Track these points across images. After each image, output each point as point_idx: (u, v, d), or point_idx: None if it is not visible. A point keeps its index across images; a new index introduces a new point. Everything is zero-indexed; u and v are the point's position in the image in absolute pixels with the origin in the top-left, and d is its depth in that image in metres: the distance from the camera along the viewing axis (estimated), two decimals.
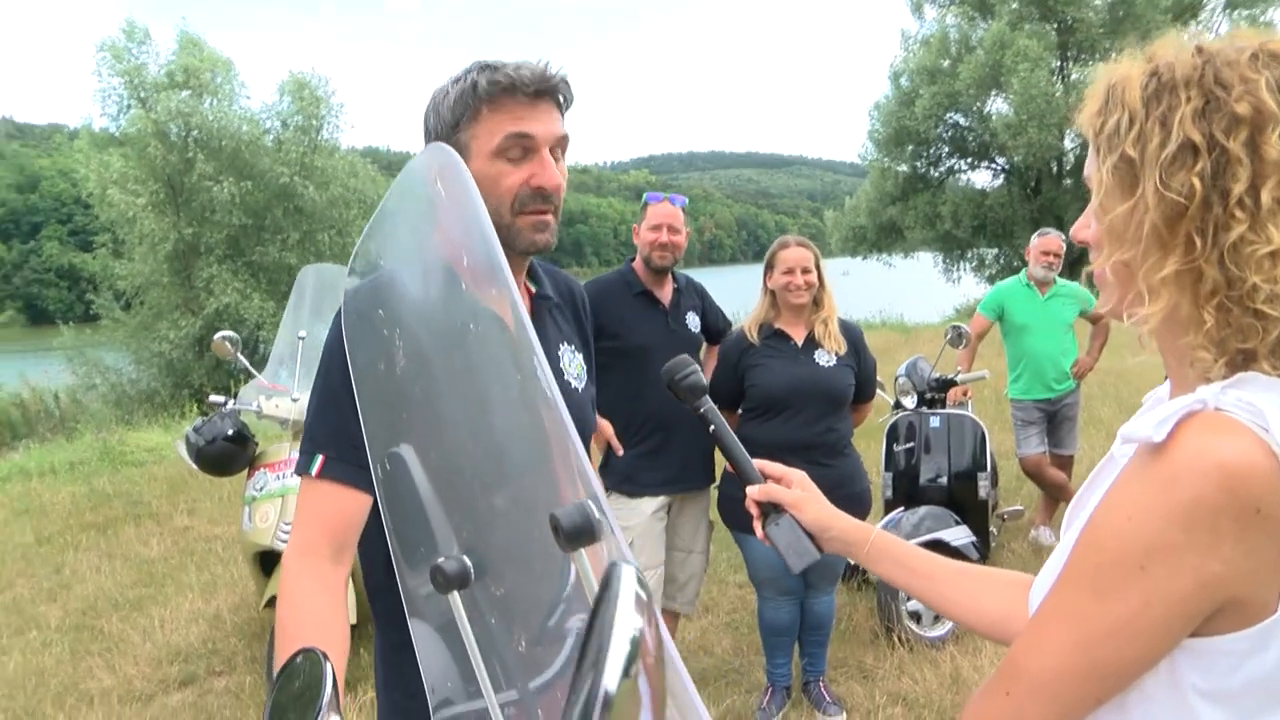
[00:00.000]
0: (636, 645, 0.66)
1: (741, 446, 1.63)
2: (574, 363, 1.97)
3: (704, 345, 4.50)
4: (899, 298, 23.37)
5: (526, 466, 0.97)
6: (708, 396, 1.68)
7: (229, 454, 4.95)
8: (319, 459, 1.63)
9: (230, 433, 4.92)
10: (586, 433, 2.00)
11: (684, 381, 1.68)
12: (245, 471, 5.13)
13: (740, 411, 4.21)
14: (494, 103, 1.69)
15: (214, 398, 5.18)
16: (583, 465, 0.87)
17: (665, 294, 4.22)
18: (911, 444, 5.32)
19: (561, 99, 1.75)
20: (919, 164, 29.92)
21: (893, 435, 5.38)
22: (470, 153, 1.71)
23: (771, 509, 1.57)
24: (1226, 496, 0.93)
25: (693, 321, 4.28)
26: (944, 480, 5.20)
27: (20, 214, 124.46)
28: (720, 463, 4.30)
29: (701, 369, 4.39)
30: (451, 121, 1.72)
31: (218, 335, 5.22)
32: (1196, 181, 1.00)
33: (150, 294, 25.67)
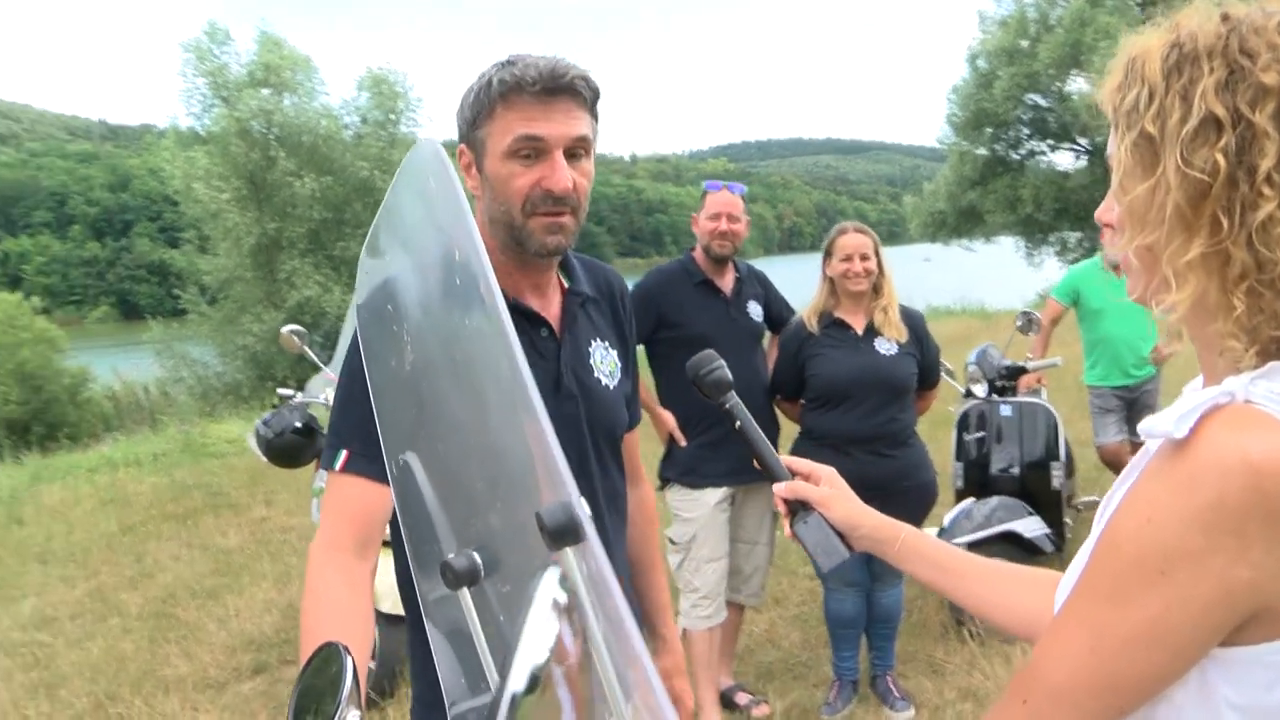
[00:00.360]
0: (549, 651, 0.63)
1: (768, 443, 1.59)
2: (606, 359, 1.93)
3: (767, 335, 4.45)
4: (979, 283, 23.00)
5: (513, 470, 0.95)
6: (733, 392, 1.64)
7: (297, 446, 5.00)
8: (343, 454, 1.63)
9: (298, 425, 4.98)
10: (618, 430, 1.96)
11: (708, 377, 1.64)
12: (314, 463, 5.20)
13: (802, 402, 4.16)
14: (506, 101, 1.67)
15: (282, 390, 5.26)
16: (562, 473, 0.84)
17: (726, 283, 4.18)
18: (982, 433, 5.21)
19: (583, 96, 1.71)
20: (998, 147, 29.34)
21: (963, 424, 5.29)
22: (486, 152, 1.71)
23: (800, 507, 1.52)
24: (1254, 496, 0.86)
25: (755, 310, 4.23)
26: (1016, 470, 5.09)
27: (113, 212, 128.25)
28: (784, 452, 4.25)
29: (765, 359, 4.34)
30: (471, 119, 1.72)
31: (284, 329, 5.29)
32: (1220, 158, 0.93)
33: (234, 288, 26.20)
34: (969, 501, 4.98)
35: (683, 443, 4.05)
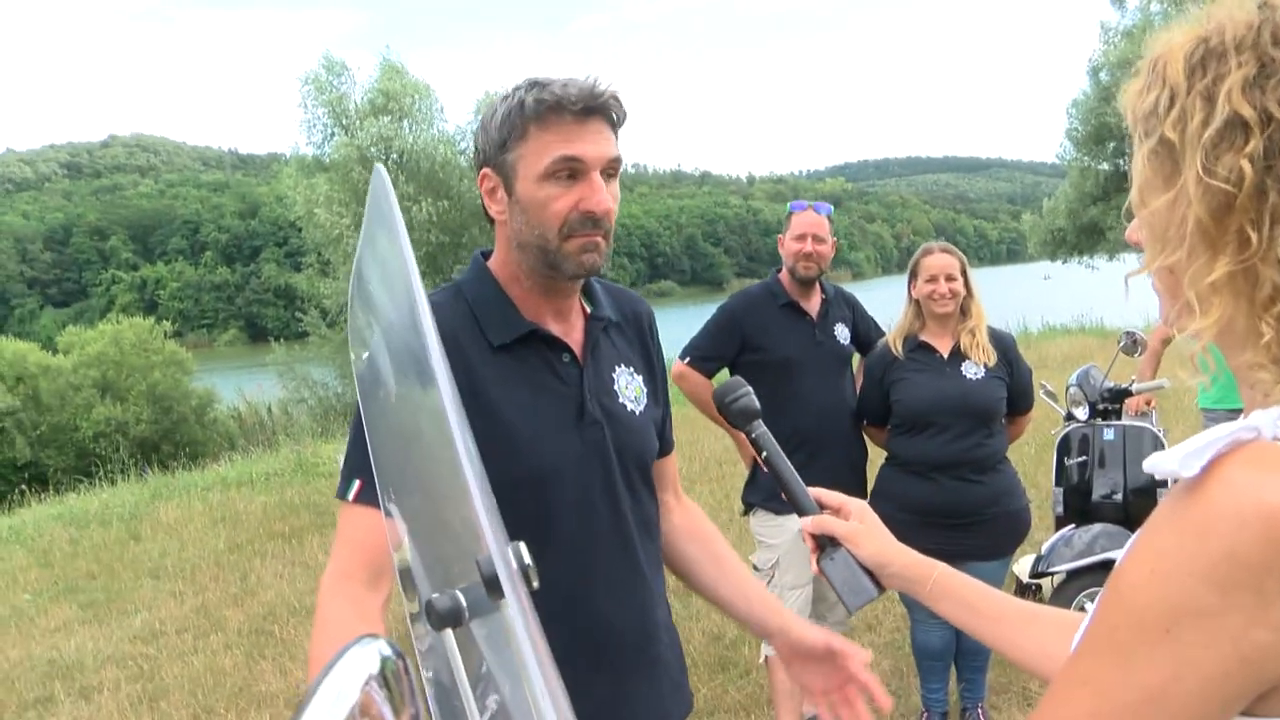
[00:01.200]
0: None
1: (796, 475, 1.54)
2: (631, 385, 1.89)
3: (855, 357, 4.37)
4: (1101, 302, 22.33)
5: (456, 513, 0.93)
6: (760, 421, 1.59)
7: None
8: (356, 484, 1.62)
9: None
10: (647, 456, 1.91)
11: (734, 405, 1.60)
12: None
13: (889, 427, 4.07)
14: (542, 122, 1.63)
15: None
16: (480, 522, 0.82)
17: (812, 305, 4.11)
18: (1084, 457, 5.02)
19: (614, 117, 1.69)
20: (1121, 161, 28.50)
21: (1064, 448, 5.10)
22: (517, 175, 1.67)
23: (828, 542, 1.47)
24: (1273, 549, 0.74)
25: (841, 333, 4.15)
26: (1119, 496, 4.88)
27: (242, 238, 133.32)
28: (872, 478, 4.16)
29: (853, 383, 4.26)
30: (499, 141, 1.67)
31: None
32: (1247, 164, 0.81)
33: None
34: (1069, 529, 4.80)
35: (765, 468, 3.99)
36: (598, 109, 1.65)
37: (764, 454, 1.57)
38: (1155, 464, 0.84)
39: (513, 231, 1.72)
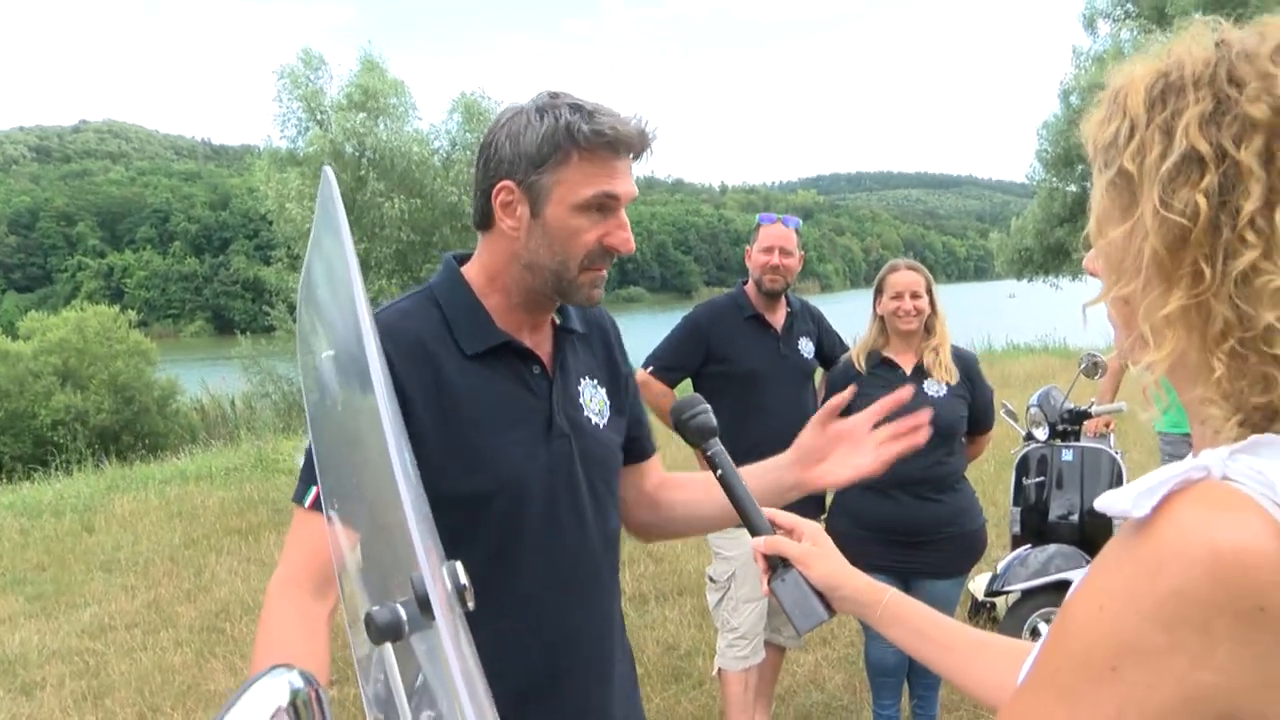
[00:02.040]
0: None
1: (750, 494, 1.54)
2: (595, 398, 1.89)
3: (819, 372, 4.37)
4: (1065, 322, 22.55)
5: (396, 527, 0.91)
6: (716, 439, 1.59)
7: None
8: (313, 490, 1.61)
9: None
10: (611, 470, 1.90)
11: (691, 422, 1.60)
12: None
13: None
14: (591, 154, 1.62)
15: None
16: (414, 542, 0.80)
17: (777, 318, 4.11)
18: (1042, 478, 5.05)
19: (639, 155, 1.70)
20: (1088, 184, 28.71)
21: (1022, 468, 5.13)
22: (550, 198, 1.64)
23: (779, 563, 1.46)
24: (1220, 590, 0.74)
25: (806, 347, 4.15)
26: (1075, 517, 4.91)
27: (213, 230, 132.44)
28: (830, 494, 4.16)
29: (816, 397, 4.27)
30: (536, 160, 1.62)
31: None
32: (1202, 199, 0.82)
33: None
34: (1025, 548, 4.82)
35: (720, 487, 3.98)
36: (642, 151, 1.68)
37: (719, 472, 1.57)
38: (1107, 503, 0.84)
39: (525, 250, 1.68)
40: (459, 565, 0.88)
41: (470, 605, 0.88)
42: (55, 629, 6.40)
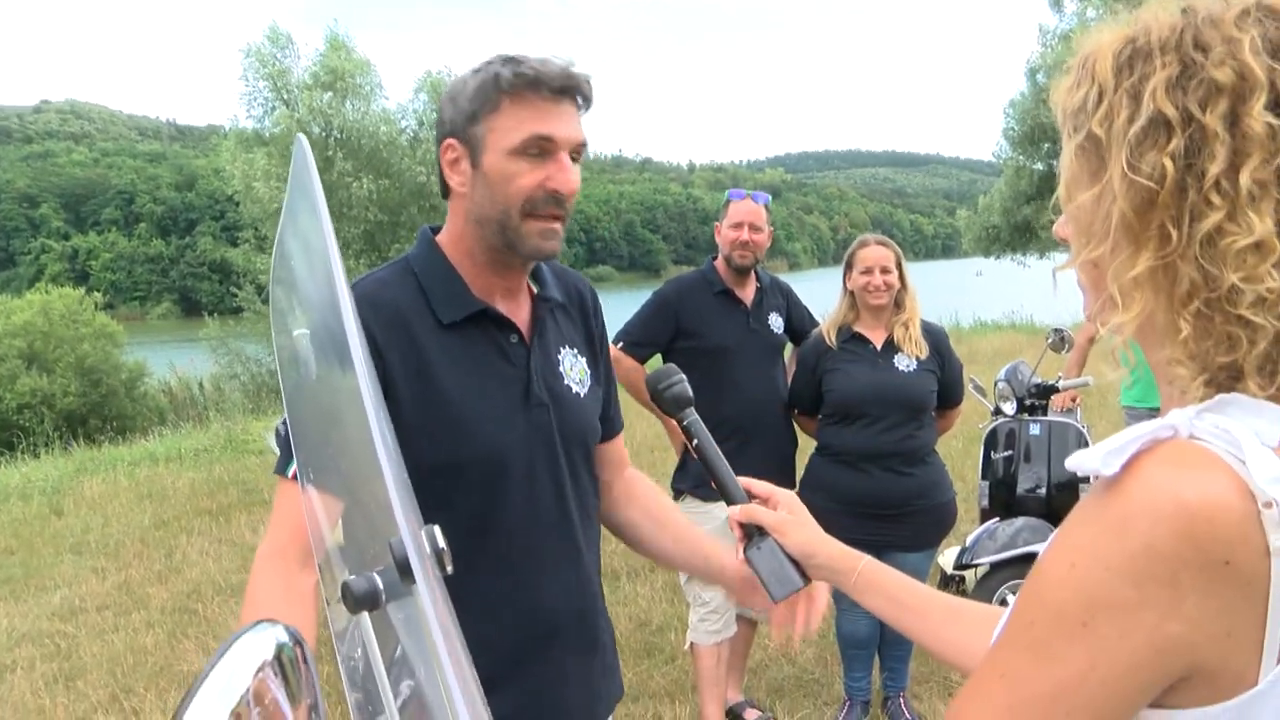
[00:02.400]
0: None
1: (726, 463, 1.55)
2: (576, 367, 1.89)
3: (788, 347, 4.40)
4: (1031, 298, 22.70)
5: (372, 496, 0.92)
6: (692, 408, 1.60)
7: None
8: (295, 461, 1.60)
9: None
10: (590, 438, 1.91)
11: (667, 392, 1.61)
12: None
13: (819, 417, 4.10)
14: (516, 97, 1.64)
15: None
16: (394, 507, 0.81)
17: (747, 294, 4.12)
18: (1010, 452, 5.10)
19: (581, 100, 1.70)
20: (1055, 162, 28.83)
21: (991, 442, 5.18)
22: (485, 146, 1.66)
23: (755, 531, 1.47)
24: (1188, 544, 0.77)
25: (775, 322, 4.17)
26: (1043, 491, 4.97)
27: (179, 211, 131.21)
28: (801, 467, 4.19)
29: (785, 372, 4.29)
30: (469, 112, 1.66)
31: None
32: (1168, 162, 0.84)
33: None
34: (994, 521, 4.87)
35: (696, 456, 4.00)
36: (571, 90, 1.67)
37: (695, 441, 1.58)
38: (1077, 462, 0.86)
39: (472, 204, 1.71)
40: (437, 529, 0.89)
41: (449, 569, 0.89)
42: (25, 612, 6.36)
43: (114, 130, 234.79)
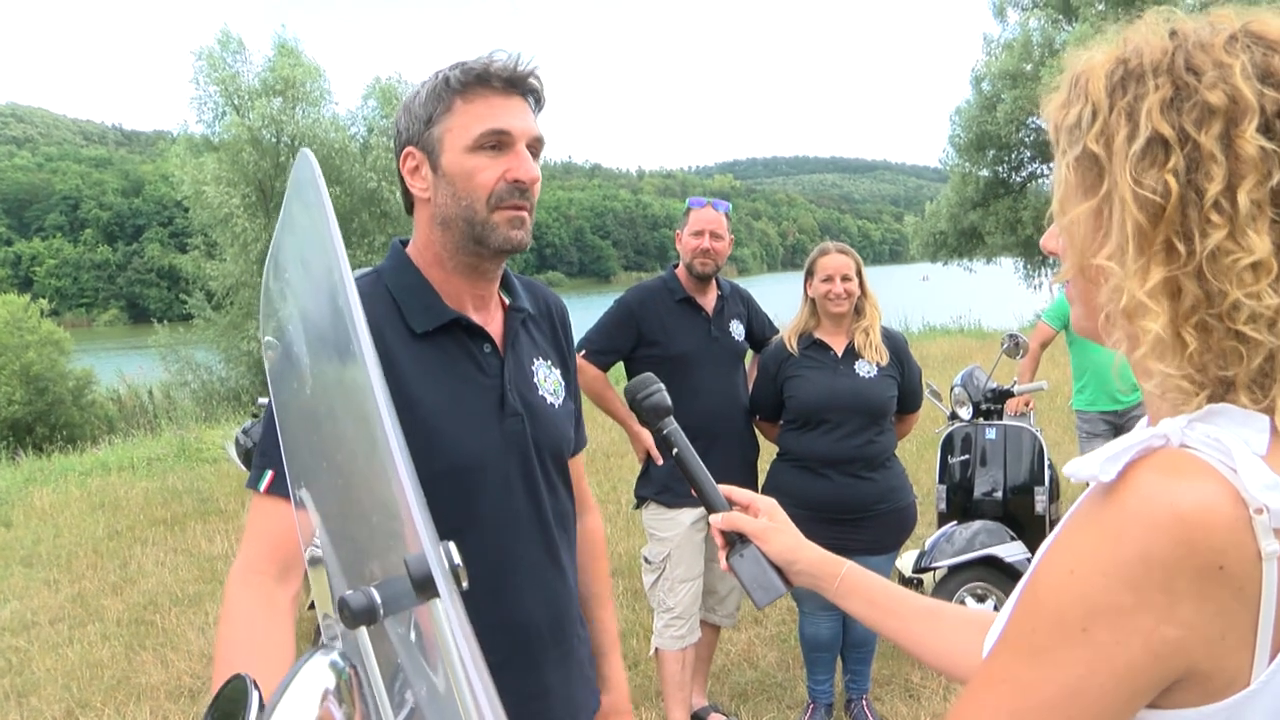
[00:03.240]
0: None
1: (706, 471, 1.55)
2: (550, 378, 1.90)
3: (749, 354, 4.43)
4: (979, 304, 22.94)
5: (392, 513, 0.93)
6: (671, 418, 1.61)
7: None
8: (268, 474, 1.60)
9: None
10: (564, 448, 1.91)
11: (646, 401, 1.61)
12: None
13: (781, 423, 4.14)
14: (467, 95, 1.66)
15: (263, 400, 5.26)
16: (415, 521, 0.82)
17: (708, 301, 4.16)
18: (966, 456, 5.17)
19: (534, 97, 1.73)
20: (1001, 169, 29.13)
21: (947, 447, 5.24)
22: (443, 147, 1.67)
23: (737, 539, 1.48)
24: (1183, 550, 0.79)
25: (736, 330, 4.21)
26: (999, 494, 5.05)
27: (125, 217, 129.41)
28: (763, 473, 4.23)
29: (746, 378, 4.31)
30: (424, 117, 1.68)
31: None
32: (1171, 179, 0.86)
33: (240, 294, 26.34)
34: (951, 525, 4.94)
35: (659, 461, 4.03)
36: (520, 85, 1.69)
37: (675, 451, 1.57)
38: (1076, 469, 0.88)
39: (437, 208, 1.71)
40: (452, 545, 0.90)
41: (465, 584, 0.90)
42: None
43: (58, 134, 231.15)
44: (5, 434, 20.42)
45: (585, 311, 4.29)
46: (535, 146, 1.72)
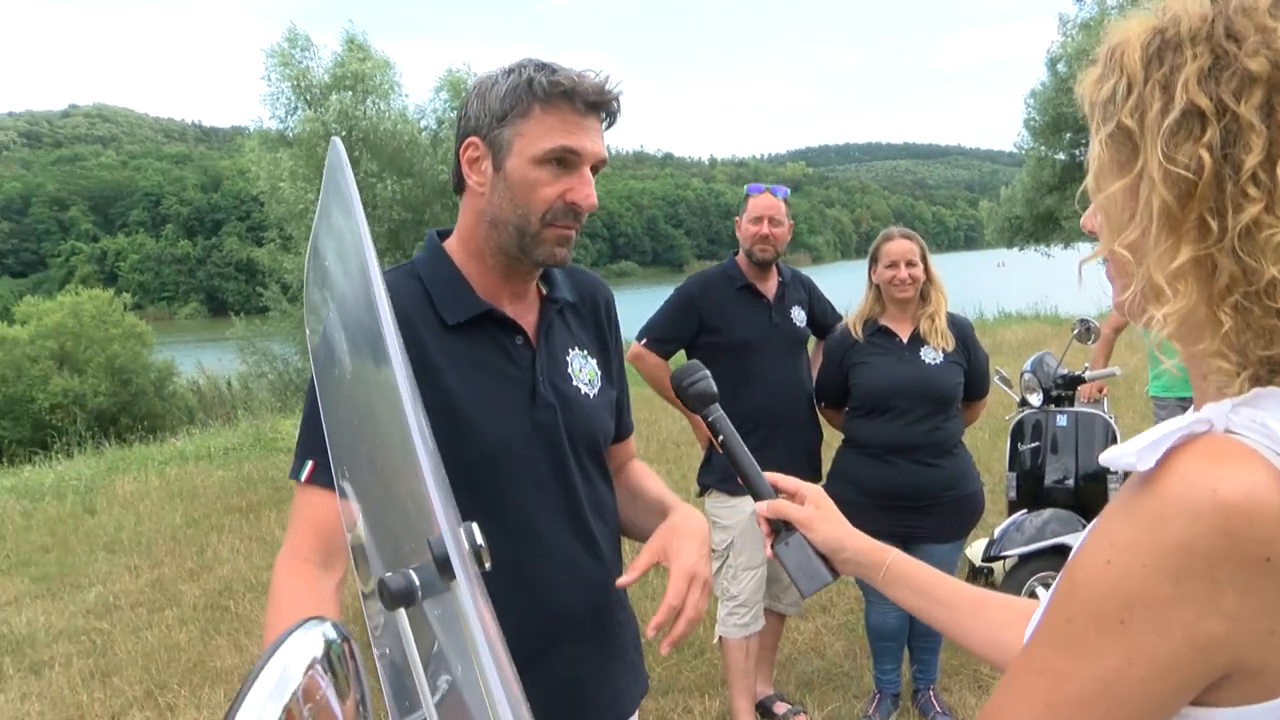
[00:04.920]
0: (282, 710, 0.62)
1: (752, 459, 1.54)
2: (585, 368, 1.89)
3: (811, 340, 4.40)
4: (1055, 290, 22.49)
5: (409, 493, 0.94)
6: (716, 404, 1.60)
7: None
8: (309, 464, 1.62)
9: None
10: (599, 440, 1.90)
11: (691, 388, 1.60)
12: None
13: (846, 410, 4.10)
14: (549, 105, 1.64)
15: None
16: (433, 502, 0.82)
17: (769, 288, 4.13)
18: (1037, 443, 5.08)
19: (608, 118, 1.72)
20: (1078, 152, 28.60)
21: (1017, 434, 5.16)
22: (511, 150, 1.66)
23: (783, 526, 1.47)
24: (1226, 540, 0.75)
25: (798, 316, 4.17)
26: (1070, 482, 4.95)
27: (204, 212, 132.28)
28: (827, 460, 4.20)
29: (809, 365, 4.28)
30: (499, 113, 1.66)
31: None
32: (1205, 154, 0.82)
33: None
34: (1021, 513, 4.86)
35: (721, 451, 4.02)
36: (601, 105, 1.68)
37: (720, 438, 1.57)
38: (1112, 457, 0.85)
39: (489, 205, 1.71)
40: (475, 526, 0.90)
41: (487, 565, 0.90)
42: (61, 609, 6.45)
43: (140, 133, 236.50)
44: (92, 424, 20.97)
45: (659, 301, 4.29)
46: (598, 166, 1.72)
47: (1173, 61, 0.86)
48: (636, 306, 5.73)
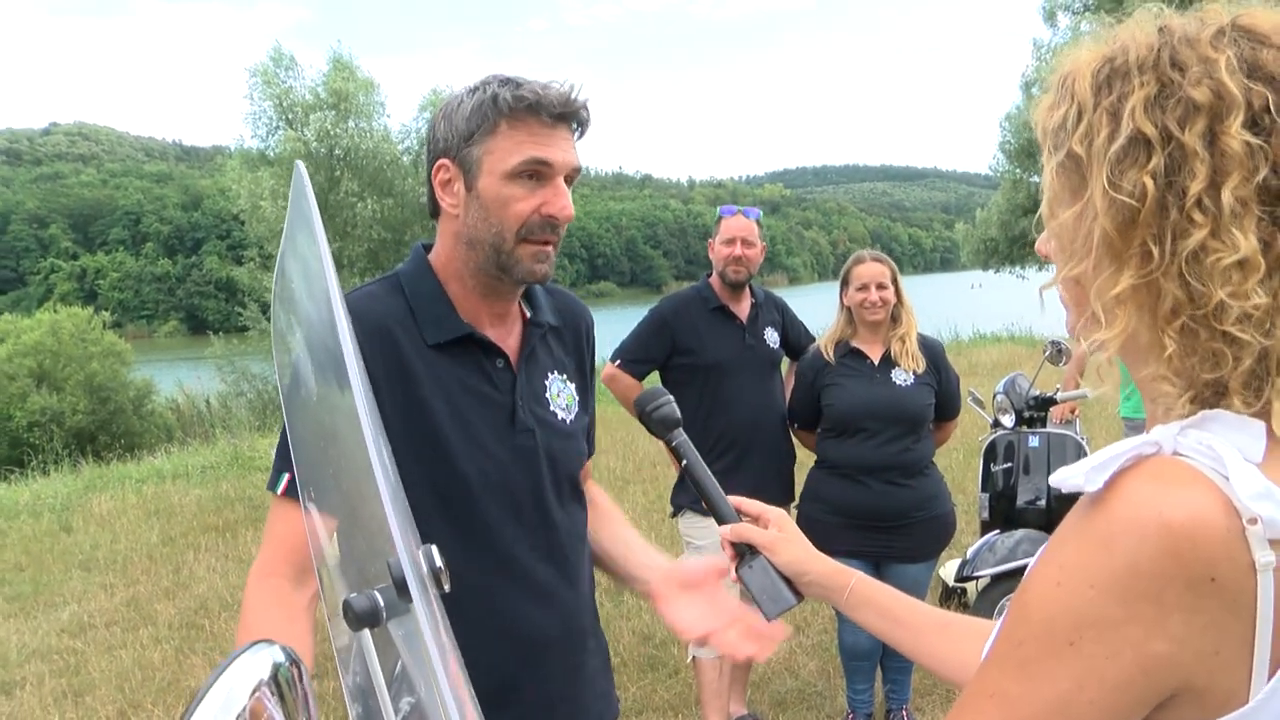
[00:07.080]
0: None
1: (715, 483, 1.54)
2: (563, 393, 1.88)
3: (785, 362, 4.43)
4: (1030, 311, 22.60)
5: (372, 514, 0.95)
6: (680, 430, 1.60)
7: None
8: (285, 477, 1.61)
9: None
10: (576, 465, 1.90)
11: (655, 414, 1.59)
12: None
13: (819, 431, 4.14)
14: (515, 120, 1.63)
15: None
16: (391, 525, 0.84)
17: (742, 309, 4.17)
18: (1009, 464, 5.12)
19: (578, 127, 1.70)
20: None
21: (990, 455, 5.20)
22: (481, 169, 1.65)
23: (746, 550, 1.47)
24: (1172, 561, 0.77)
25: (771, 337, 4.21)
26: (1043, 502, 4.98)
27: (185, 230, 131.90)
28: (800, 481, 4.23)
29: (782, 386, 4.31)
30: (465, 133, 1.65)
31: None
32: (1149, 181, 0.84)
33: None
34: (994, 534, 4.89)
35: (686, 476, 4.03)
36: (569, 115, 1.67)
37: (684, 462, 1.57)
38: (1061, 478, 0.87)
39: (465, 227, 1.70)
40: (434, 548, 0.91)
41: (446, 587, 0.91)
42: (34, 628, 6.40)
43: (121, 151, 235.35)
44: (69, 442, 20.82)
45: (635, 322, 4.31)
46: (572, 176, 1.70)
47: (1121, 89, 0.89)
48: (616, 326, 5.75)
